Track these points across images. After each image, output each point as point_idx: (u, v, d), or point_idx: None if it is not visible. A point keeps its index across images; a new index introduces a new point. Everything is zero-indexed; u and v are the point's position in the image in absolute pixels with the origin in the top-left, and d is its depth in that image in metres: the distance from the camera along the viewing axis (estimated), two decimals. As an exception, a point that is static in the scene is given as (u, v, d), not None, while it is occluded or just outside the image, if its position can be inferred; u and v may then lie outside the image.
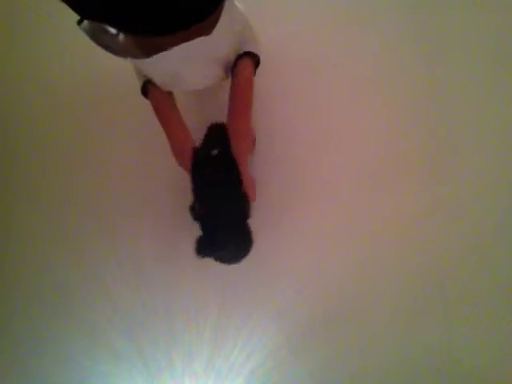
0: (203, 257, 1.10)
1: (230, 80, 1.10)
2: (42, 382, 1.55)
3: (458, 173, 1.51)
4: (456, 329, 1.47)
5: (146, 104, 1.17)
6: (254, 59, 1.02)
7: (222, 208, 1.12)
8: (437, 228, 1.50)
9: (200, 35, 0.80)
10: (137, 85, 1.15)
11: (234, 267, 1.25)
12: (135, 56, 0.82)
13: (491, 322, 1.45)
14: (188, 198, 1.21)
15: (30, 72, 1.73)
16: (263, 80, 1.19)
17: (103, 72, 1.61)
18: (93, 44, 0.85)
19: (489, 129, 1.51)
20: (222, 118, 1.15)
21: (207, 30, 0.81)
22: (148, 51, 0.81)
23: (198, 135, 1.18)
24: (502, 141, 1.50)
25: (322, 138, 1.53)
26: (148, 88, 1.10)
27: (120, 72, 1.49)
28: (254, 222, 1.33)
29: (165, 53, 0.82)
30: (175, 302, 1.20)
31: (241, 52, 0.99)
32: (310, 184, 1.53)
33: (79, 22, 0.80)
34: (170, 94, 1.15)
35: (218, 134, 1.16)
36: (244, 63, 0.99)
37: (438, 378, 1.47)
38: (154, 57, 0.83)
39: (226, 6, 0.84)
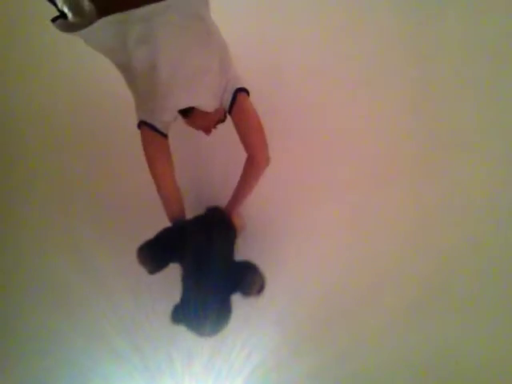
0: (177, 323, 1.16)
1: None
2: (43, 382, 1.55)
3: (458, 173, 1.51)
4: (456, 329, 1.47)
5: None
6: (247, 93, 1.19)
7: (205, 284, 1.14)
8: (438, 228, 1.50)
9: None
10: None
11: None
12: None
13: (491, 322, 1.45)
14: (187, 202, 1.25)
15: (30, 73, 1.73)
16: (264, 82, 1.20)
17: (106, 80, 1.61)
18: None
19: (489, 129, 1.51)
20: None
21: None
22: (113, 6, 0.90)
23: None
24: (503, 141, 1.50)
25: (322, 139, 1.53)
26: (142, 127, 1.15)
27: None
28: (255, 223, 1.34)
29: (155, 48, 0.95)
30: (175, 303, 1.20)
31: (236, 87, 1.14)
32: (310, 184, 1.53)
33: (54, 20, 0.95)
34: (164, 140, 1.17)
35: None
36: (243, 97, 1.16)
37: (437, 378, 1.48)
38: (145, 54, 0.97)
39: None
